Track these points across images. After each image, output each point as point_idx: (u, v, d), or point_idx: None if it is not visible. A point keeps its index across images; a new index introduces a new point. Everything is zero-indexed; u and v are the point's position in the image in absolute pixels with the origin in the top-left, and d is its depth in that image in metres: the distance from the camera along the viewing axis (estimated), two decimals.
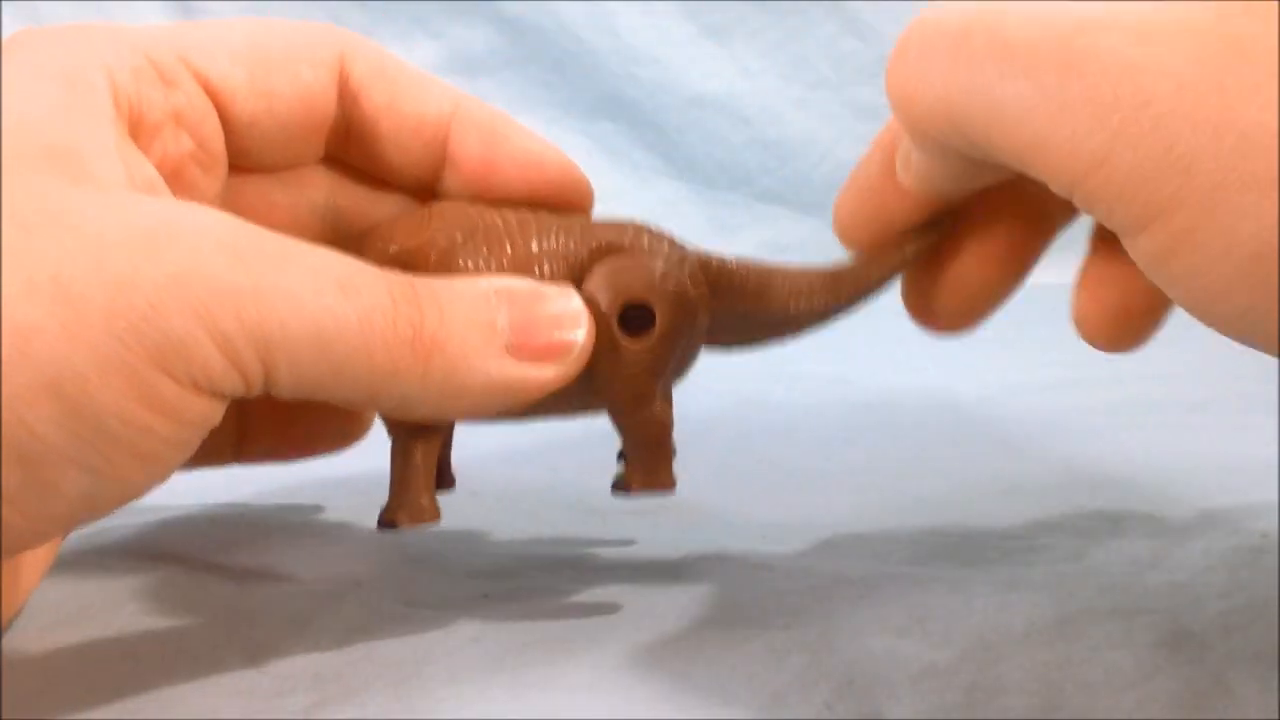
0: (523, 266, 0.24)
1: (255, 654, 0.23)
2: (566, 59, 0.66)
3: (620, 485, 0.25)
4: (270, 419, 0.28)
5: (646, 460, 0.25)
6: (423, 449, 0.24)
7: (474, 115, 0.26)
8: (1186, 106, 0.17)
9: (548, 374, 0.22)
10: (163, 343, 0.18)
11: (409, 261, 0.24)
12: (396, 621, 0.24)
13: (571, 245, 0.24)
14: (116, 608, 0.25)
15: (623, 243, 0.24)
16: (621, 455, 0.26)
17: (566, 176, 0.26)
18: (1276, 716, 0.20)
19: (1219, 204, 0.17)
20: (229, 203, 0.25)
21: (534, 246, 0.24)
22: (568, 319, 0.23)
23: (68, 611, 0.25)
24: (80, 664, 0.23)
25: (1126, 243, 0.18)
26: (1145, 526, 0.29)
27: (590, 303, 0.23)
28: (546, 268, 0.24)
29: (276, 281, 0.20)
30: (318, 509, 0.32)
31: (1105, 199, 0.18)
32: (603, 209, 0.27)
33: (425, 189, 0.26)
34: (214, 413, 0.20)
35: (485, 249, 0.24)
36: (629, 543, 0.27)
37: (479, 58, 0.67)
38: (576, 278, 0.24)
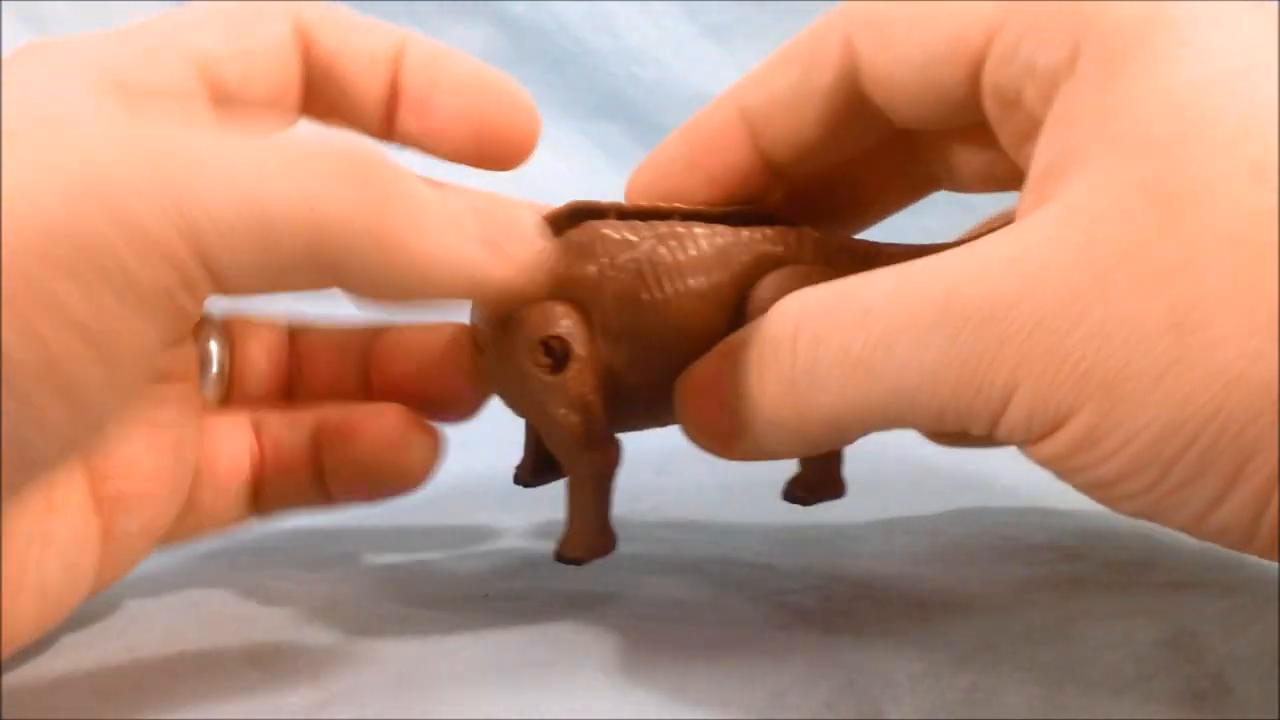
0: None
1: (255, 654, 0.23)
2: (566, 59, 0.66)
3: (795, 496, 0.27)
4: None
5: (824, 471, 0.26)
6: (599, 485, 0.24)
7: (420, 46, 0.25)
8: (1075, 316, 0.18)
9: (510, 270, 0.21)
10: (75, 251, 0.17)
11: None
12: (396, 621, 0.24)
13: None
14: (117, 608, 0.25)
15: (782, 254, 0.25)
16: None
17: (509, 96, 0.25)
18: (1276, 717, 0.20)
19: (1118, 399, 0.18)
20: None
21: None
22: (528, 228, 0.22)
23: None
24: (80, 664, 0.22)
25: (1032, 453, 0.19)
26: (1145, 527, 0.29)
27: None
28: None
29: (199, 165, 0.18)
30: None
31: (1017, 425, 0.19)
32: None
33: (387, 129, 0.26)
34: (165, 314, 0.18)
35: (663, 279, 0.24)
36: (629, 542, 0.27)
37: (479, 58, 0.67)
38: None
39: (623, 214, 0.24)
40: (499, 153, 0.25)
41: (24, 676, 0.22)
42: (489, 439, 0.29)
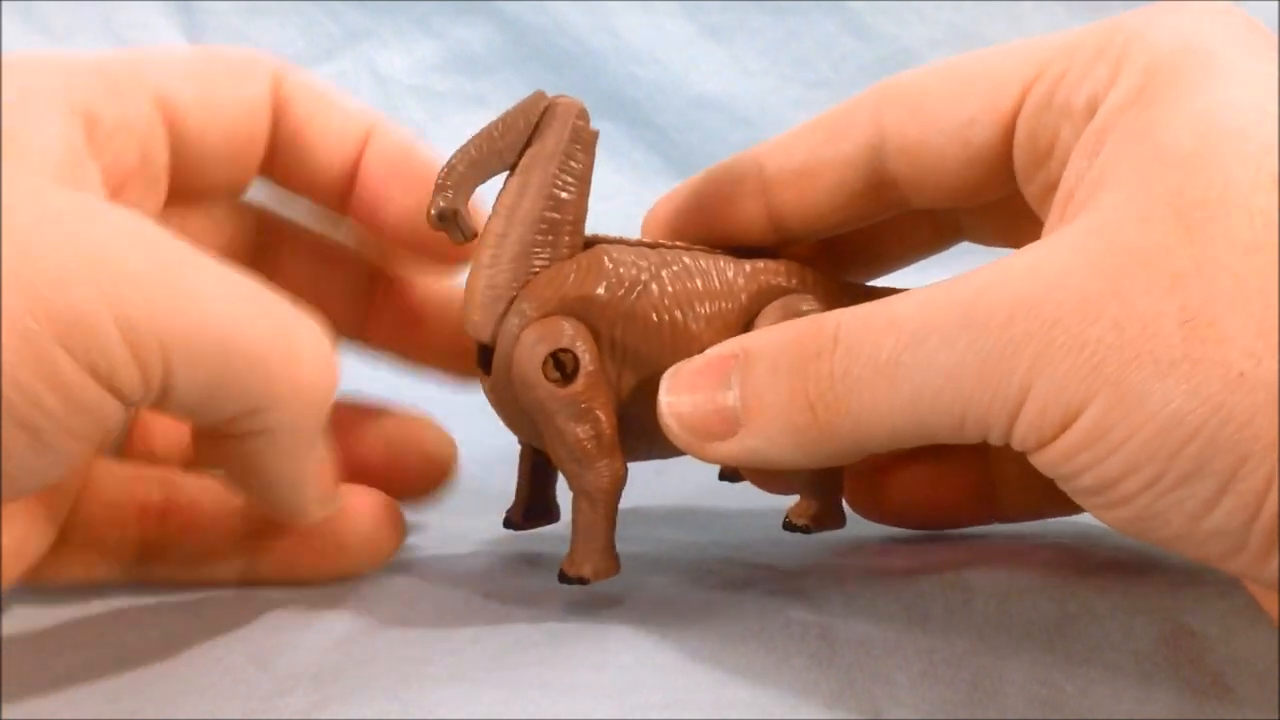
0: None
1: (255, 654, 0.23)
2: (566, 59, 0.66)
3: (797, 526, 0.26)
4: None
5: (826, 501, 0.26)
6: (606, 501, 0.24)
7: (387, 136, 0.27)
8: (1091, 315, 0.18)
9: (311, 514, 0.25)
10: (68, 317, 0.18)
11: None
12: (396, 621, 0.25)
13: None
14: (116, 608, 0.25)
15: (785, 285, 0.25)
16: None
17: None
18: (1276, 717, 0.20)
19: (1127, 389, 0.18)
20: None
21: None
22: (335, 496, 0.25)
23: (68, 612, 0.25)
24: (81, 664, 0.23)
25: (1039, 457, 0.19)
26: None
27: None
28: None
29: (189, 280, 0.20)
30: None
31: (1032, 423, 0.19)
32: (603, 208, 0.27)
33: (341, 204, 0.27)
34: (109, 409, 0.19)
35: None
36: (629, 543, 0.27)
37: (479, 58, 0.67)
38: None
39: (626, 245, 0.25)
40: (441, 250, 0.26)
41: (24, 676, 0.22)
42: (490, 439, 0.29)
